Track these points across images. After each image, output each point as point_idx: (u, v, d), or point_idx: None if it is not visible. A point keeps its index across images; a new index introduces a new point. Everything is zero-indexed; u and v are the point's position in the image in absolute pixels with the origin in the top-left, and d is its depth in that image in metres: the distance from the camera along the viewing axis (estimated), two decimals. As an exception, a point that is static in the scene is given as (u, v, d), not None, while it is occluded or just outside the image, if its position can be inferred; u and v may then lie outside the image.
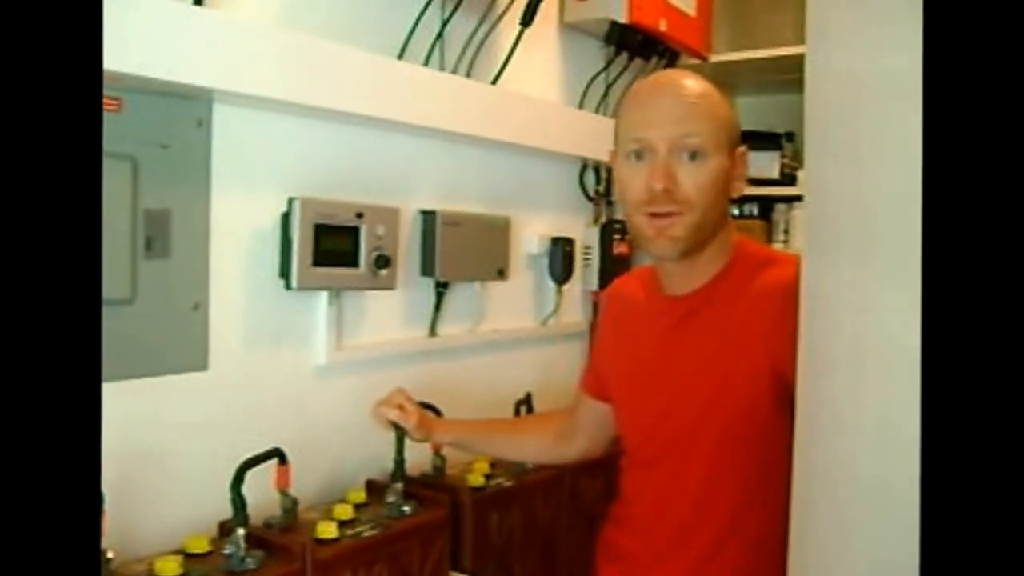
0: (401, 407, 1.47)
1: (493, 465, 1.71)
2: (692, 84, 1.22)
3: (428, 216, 1.78)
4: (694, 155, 1.18)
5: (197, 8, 1.29)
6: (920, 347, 0.59)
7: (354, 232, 1.56)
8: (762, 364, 1.16)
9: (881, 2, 0.67)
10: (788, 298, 0.83)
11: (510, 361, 2.06)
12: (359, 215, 1.57)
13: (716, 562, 1.24)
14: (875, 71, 0.67)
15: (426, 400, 1.60)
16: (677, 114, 1.19)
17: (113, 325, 1.28)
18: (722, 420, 1.22)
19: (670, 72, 1.36)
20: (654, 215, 1.20)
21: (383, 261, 1.59)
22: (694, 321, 1.27)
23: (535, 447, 1.61)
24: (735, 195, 1.26)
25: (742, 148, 1.26)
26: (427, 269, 1.79)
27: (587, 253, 2.29)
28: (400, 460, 1.50)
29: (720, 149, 1.20)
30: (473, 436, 1.59)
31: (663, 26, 2.22)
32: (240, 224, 1.45)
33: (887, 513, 0.66)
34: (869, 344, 0.67)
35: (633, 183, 1.21)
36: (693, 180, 1.18)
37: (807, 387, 0.77)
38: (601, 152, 2.06)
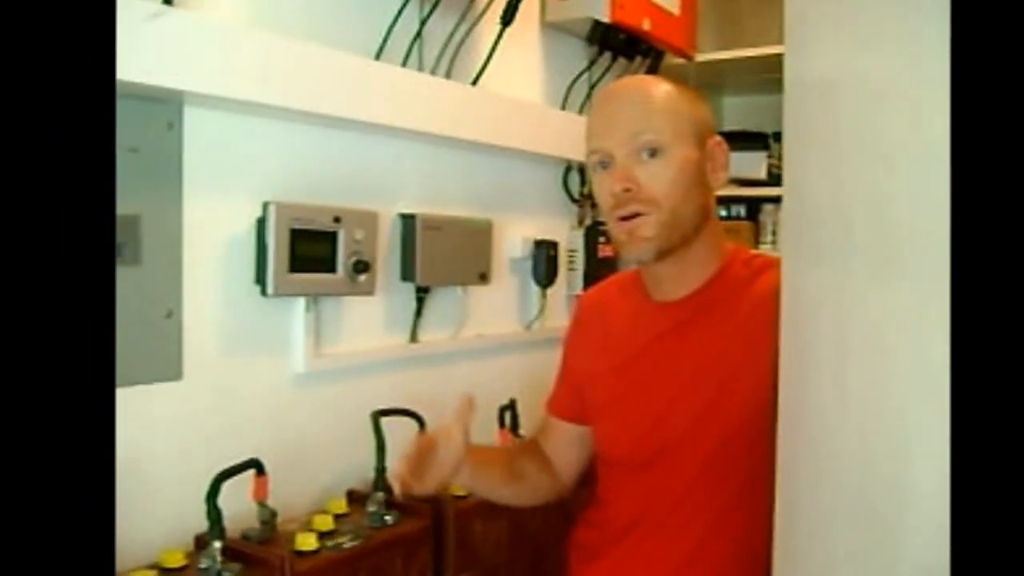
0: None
1: (477, 473, 1.68)
2: (641, 85, 1.24)
3: (408, 220, 1.76)
4: (653, 152, 1.18)
5: (167, 7, 1.26)
6: (910, 348, 0.59)
7: (332, 237, 1.54)
8: (764, 370, 1.13)
9: (859, 5, 0.66)
10: None
11: (494, 367, 2.03)
12: (337, 219, 1.54)
13: (700, 560, 1.22)
14: (853, 73, 0.67)
15: (408, 408, 1.57)
16: (625, 117, 1.19)
17: (82, 334, 1.25)
18: (720, 426, 1.20)
19: (625, 79, 1.37)
20: (623, 218, 1.19)
21: (362, 266, 1.56)
22: (690, 327, 1.24)
23: (539, 494, 1.44)
24: (716, 187, 1.25)
25: (716, 138, 1.24)
26: (407, 274, 1.76)
27: (572, 256, 2.27)
28: (381, 469, 1.48)
29: (683, 141, 1.19)
30: (480, 484, 1.36)
31: (647, 25, 2.20)
32: (214, 229, 1.42)
33: (872, 514, 0.65)
34: (852, 345, 0.67)
35: (601, 191, 1.22)
36: (654, 177, 1.17)
37: (790, 389, 0.76)
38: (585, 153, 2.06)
